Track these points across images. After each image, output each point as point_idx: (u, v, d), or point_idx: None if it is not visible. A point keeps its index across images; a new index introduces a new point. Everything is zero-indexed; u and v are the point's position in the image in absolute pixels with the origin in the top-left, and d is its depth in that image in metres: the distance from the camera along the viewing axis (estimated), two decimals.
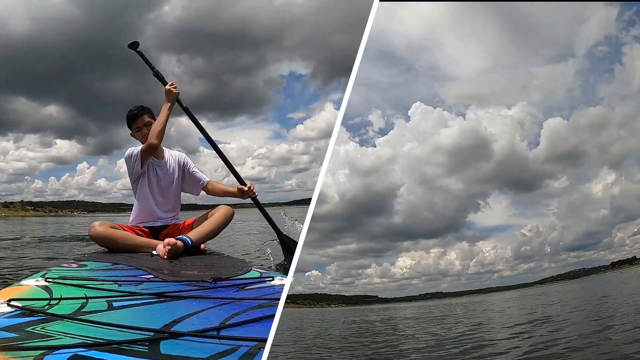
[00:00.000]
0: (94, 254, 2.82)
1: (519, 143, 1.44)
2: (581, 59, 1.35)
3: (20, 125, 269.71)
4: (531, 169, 1.43)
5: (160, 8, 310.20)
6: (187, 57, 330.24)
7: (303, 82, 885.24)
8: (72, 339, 0.95)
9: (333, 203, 1.43)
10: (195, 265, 2.32)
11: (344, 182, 1.43)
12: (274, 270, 2.79)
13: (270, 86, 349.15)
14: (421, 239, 1.45)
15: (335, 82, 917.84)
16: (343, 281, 1.48)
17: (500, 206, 1.45)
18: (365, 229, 1.46)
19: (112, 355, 0.88)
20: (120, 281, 1.71)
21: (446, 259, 1.45)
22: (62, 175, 56.47)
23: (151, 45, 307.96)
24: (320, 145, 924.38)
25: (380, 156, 1.45)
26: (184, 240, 2.62)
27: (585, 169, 1.40)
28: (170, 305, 1.33)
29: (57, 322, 1.08)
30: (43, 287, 1.53)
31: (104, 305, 1.29)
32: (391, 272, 1.45)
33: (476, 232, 1.47)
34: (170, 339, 0.98)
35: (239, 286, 1.68)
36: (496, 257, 1.44)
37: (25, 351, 0.87)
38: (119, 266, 2.23)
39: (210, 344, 0.96)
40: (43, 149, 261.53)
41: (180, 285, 1.66)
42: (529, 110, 1.42)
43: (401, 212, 1.46)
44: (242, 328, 1.08)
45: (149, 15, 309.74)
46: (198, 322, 1.14)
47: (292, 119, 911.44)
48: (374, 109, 1.46)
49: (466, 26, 1.25)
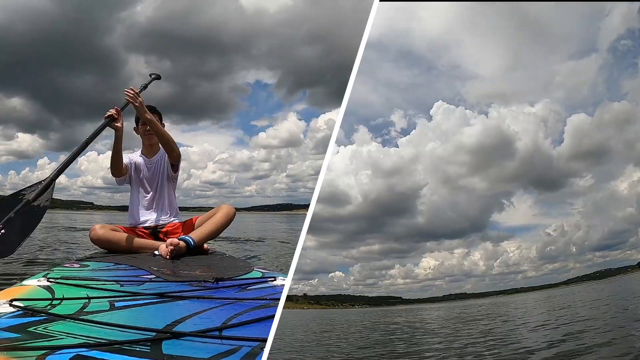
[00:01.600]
0: (95, 254, 2.83)
1: (543, 141, 1.42)
2: (604, 53, 1.33)
3: None
4: (555, 167, 1.41)
5: (132, 7, 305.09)
6: (155, 58, 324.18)
7: (268, 91, 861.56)
8: (74, 339, 0.95)
9: (356, 204, 1.41)
10: (197, 266, 2.32)
11: (367, 183, 1.42)
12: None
13: (235, 93, 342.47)
14: (445, 240, 1.44)
15: (300, 93, 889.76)
16: (366, 282, 1.47)
17: (524, 205, 1.43)
18: (389, 229, 1.44)
19: (114, 355, 0.88)
20: (122, 281, 1.71)
21: (470, 260, 1.43)
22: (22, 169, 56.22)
23: (120, 44, 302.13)
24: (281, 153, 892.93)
25: (403, 156, 1.43)
26: (186, 241, 2.63)
27: (610, 167, 1.37)
28: (172, 306, 1.33)
29: (59, 322, 1.08)
30: (45, 287, 1.53)
31: (106, 305, 1.29)
32: (414, 272, 1.44)
33: (500, 232, 1.45)
34: (172, 339, 0.98)
35: (241, 286, 1.68)
36: (521, 258, 1.42)
37: (28, 351, 0.87)
38: (121, 266, 2.23)
39: (212, 344, 0.96)
40: (4, 141, 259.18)
41: (182, 285, 1.66)
42: (552, 107, 1.40)
43: (424, 212, 1.44)
44: (244, 328, 1.08)
45: (120, 13, 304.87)
46: (200, 322, 1.14)
47: (256, 126, 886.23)
48: (396, 109, 1.45)
49: (485, 24, 1.24)
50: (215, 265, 2.38)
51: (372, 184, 1.42)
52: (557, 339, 1.14)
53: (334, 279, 1.47)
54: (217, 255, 2.96)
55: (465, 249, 1.44)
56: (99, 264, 2.31)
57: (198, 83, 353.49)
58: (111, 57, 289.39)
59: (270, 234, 10.83)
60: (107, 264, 2.31)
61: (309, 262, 1.44)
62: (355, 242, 1.43)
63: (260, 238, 8.68)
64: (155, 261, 2.43)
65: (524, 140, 1.41)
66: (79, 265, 2.26)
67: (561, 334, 1.18)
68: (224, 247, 5.14)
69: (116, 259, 2.45)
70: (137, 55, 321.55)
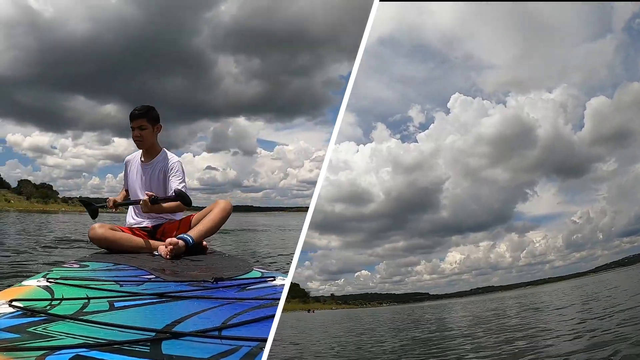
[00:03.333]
0: (95, 255, 2.83)
1: (563, 127, 1.40)
2: (619, 33, 1.30)
3: (79, 123, 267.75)
4: (578, 153, 1.39)
5: (217, 7, 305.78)
6: (244, 57, 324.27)
7: None
8: (73, 340, 0.95)
9: (378, 202, 1.40)
10: (197, 266, 2.32)
11: (388, 180, 1.41)
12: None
13: (329, 87, 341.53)
14: (470, 233, 1.42)
15: None
16: (392, 279, 1.46)
17: (548, 194, 1.41)
18: (413, 225, 1.43)
19: (113, 355, 0.88)
20: (122, 281, 1.71)
21: (496, 252, 1.41)
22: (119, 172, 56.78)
23: (207, 45, 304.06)
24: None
25: (423, 151, 1.42)
26: (185, 239, 2.62)
27: (634, 149, 1.33)
28: (171, 306, 1.33)
29: (58, 322, 1.08)
30: (45, 288, 1.53)
31: (105, 305, 1.29)
32: (441, 268, 1.42)
33: (525, 222, 1.43)
34: (172, 339, 0.98)
35: (241, 286, 1.68)
36: (547, 247, 1.40)
37: (27, 352, 0.87)
38: (121, 266, 2.23)
39: (211, 344, 0.96)
40: (101, 146, 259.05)
41: (181, 285, 1.66)
42: (570, 91, 1.38)
43: (448, 206, 1.43)
44: (243, 328, 1.08)
45: (205, 14, 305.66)
46: (199, 322, 1.14)
47: None
48: (413, 104, 1.44)
49: (496, 12, 1.22)
50: (214, 265, 2.38)
51: (394, 181, 1.41)
52: (589, 329, 1.11)
53: (360, 278, 1.46)
54: (216, 255, 2.96)
55: (490, 242, 1.42)
56: (99, 264, 2.31)
57: (290, 80, 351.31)
58: (200, 59, 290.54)
59: None
60: (106, 264, 2.31)
61: (334, 263, 1.43)
62: (380, 240, 1.42)
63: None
64: (155, 261, 2.43)
65: (544, 127, 1.38)
66: (78, 265, 2.26)
67: (594, 324, 1.14)
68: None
69: (116, 259, 2.45)
70: (225, 55, 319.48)
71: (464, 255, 1.41)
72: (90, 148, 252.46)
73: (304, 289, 1.47)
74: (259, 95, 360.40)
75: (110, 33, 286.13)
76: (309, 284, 1.46)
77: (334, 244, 1.41)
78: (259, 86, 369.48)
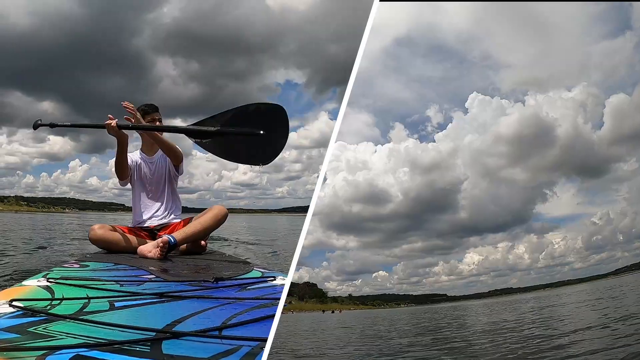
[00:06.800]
0: (95, 255, 2.83)
1: (583, 126, 1.37)
2: (639, 31, 1.28)
3: (15, 120, 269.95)
4: (597, 153, 1.36)
5: (159, 8, 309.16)
6: (182, 60, 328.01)
7: (298, 90, 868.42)
8: (74, 339, 0.95)
9: (396, 202, 1.39)
10: (197, 265, 2.32)
11: (406, 180, 1.40)
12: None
13: (264, 93, 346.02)
14: (488, 234, 1.40)
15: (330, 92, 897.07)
16: (410, 280, 1.45)
17: (568, 194, 1.38)
18: (431, 226, 1.41)
19: (114, 355, 0.88)
20: (122, 281, 1.71)
21: (515, 253, 1.39)
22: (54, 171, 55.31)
23: (147, 46, 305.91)
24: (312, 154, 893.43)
25: (441, 151, 1.40)
26: (168, 239, 2.63)
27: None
28: (172, 305, 1.33)
29: (59, 322, 1.08)
30: (45, 288, 1.53)
31: (105, 305, 1.29)
32: (459, 269, 1.41)
33: (544, 223, 1.41)
34: (172, 339, 0.98)
35: (241, 286, 1.68)
36: (566, 249, 1.38)
37: (27, 352, 0.87)
38: (121, 266, 2.24)
39: (212, 343, 0.96)
40: (36, 144, 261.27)
41: (181, 285, 1.66)
42: (589, 90, 1.35)
43: (466, 207, 1.41)
44: (243, 328, 1.08)
45: (147, 15, 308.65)
46: (200, 322, 1.14)
47: None
48: (431, 104, 1.43)
49: (512, 10, 1.21)
50: (214, 265, 2.38)
51: (412, 181, 1.40)
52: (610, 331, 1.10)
53: (378, 278, 1.45)
54: (216, 255, 2.97)
55: (509, 243, 1.39)
56: (99, 264, 2.31)
57: (226, 83, 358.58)
58: (139, 59, 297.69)
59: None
60: (106, 264, 2.31)
61: (352, 263, 1.42)
62: (398, 240, 1.41)
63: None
64: (155, 261, 2.44)
65: (563, 127, 1.36)
66: (78, 265, 2.26)
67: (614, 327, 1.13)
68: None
69: (116, 259, 2.45)
70: (164, 57, 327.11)
71: (482, 256, 1.40)
72: (25, 145, 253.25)
73: (321, 289, 1.46)
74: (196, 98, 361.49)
75: (51, 29, 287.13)
76: (327, 284, 1.45)
77: (351, 244, 1.40)
78: (196, 89, 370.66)
